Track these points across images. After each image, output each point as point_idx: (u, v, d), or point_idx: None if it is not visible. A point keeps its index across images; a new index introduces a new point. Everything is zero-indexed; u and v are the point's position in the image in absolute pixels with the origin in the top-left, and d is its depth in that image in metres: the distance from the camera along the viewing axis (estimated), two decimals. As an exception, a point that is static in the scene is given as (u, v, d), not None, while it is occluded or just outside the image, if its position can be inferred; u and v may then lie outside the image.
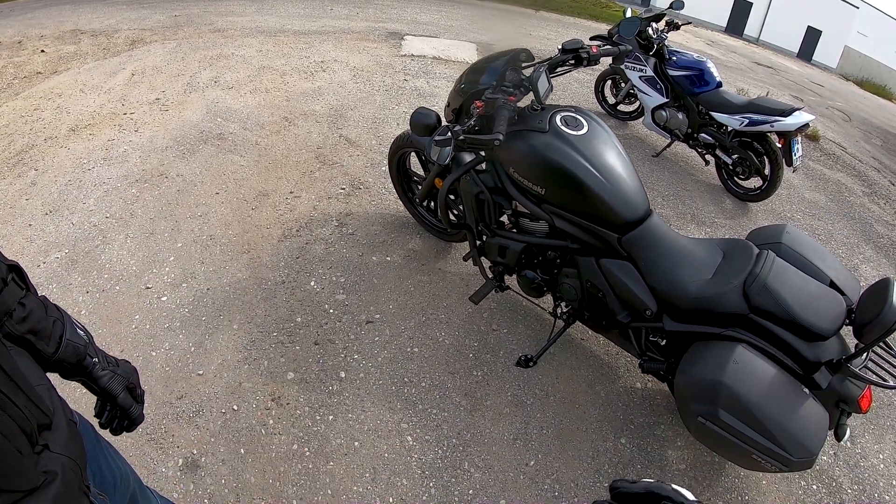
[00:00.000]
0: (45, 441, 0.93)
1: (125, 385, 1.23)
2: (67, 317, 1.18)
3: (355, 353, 2.79)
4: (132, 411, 1.24)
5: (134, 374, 1.28)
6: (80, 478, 0.96)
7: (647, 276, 2.36)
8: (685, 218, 4.40)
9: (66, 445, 0.96)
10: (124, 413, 1.23)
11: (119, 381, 1.22)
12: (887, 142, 8.18)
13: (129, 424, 1.26)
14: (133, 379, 1.27)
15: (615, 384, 2.87)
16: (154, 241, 3.26)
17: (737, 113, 4.44)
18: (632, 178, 2.44)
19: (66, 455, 0.94)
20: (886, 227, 5.17)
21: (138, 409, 1.26)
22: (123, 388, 1.22)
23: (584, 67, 2.75)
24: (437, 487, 2.32)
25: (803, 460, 1.96)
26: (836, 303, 2.18)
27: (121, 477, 1.24)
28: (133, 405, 1.24)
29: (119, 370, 1.24)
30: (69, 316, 1.19)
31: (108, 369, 1.21)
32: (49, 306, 1.14)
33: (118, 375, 1.22)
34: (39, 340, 1.08)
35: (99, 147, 4.10)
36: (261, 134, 4.44)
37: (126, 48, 6.13)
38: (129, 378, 1.25)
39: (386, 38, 7.01)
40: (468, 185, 2.68)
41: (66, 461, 0.93)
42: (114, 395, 1.20)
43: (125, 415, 1.24)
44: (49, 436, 0.94)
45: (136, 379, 1.28)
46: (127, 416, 1.24)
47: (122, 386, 1.22)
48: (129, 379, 1.25)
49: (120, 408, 1.22)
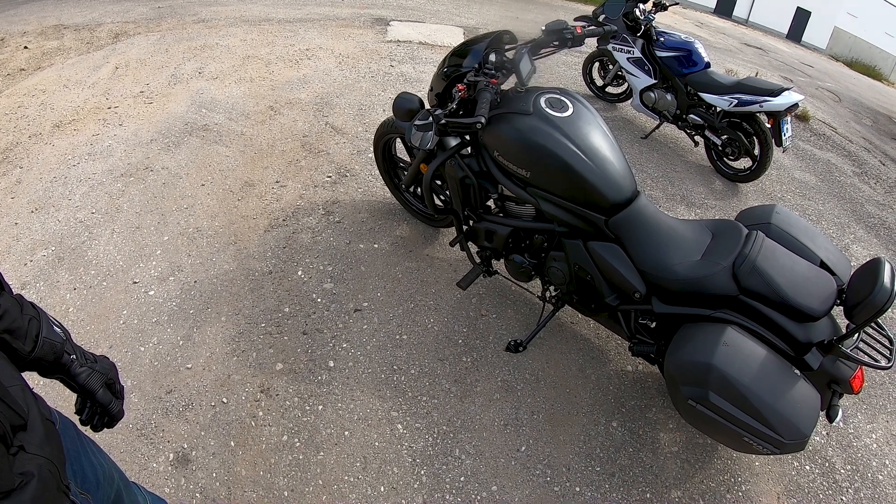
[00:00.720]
0: (21, 442, 0.92)
1: (104, 381, 1.23)
2: (44, 314, 1.17)
3: (344, 341, 2.78)
4: (111, 407, 1.23)
5: (113, 369, 1.28)
6: (57, 478, 0.95)
7: (636, 258, 2.35)
8: (675, 199, 4.39)
9: (42, 446, 0.95)
10: (104, 410, 1.23)
11: (97, 377, 1.21)
12: (877, 122, 8.18)
13: (109, 421, 1.26)
14: (112, 375, 1.26)
15: (606, 368, 2.87)
16: (140, 236, 3.23)
17: (725, 93, 4.41)
18: (618, 160, 2.42)
19: (43, 455, 0.93)
20: (877, 206, 5.17)
21: (118, 404, 1.26)
22: (102, 385, 1.22)
23: (569, 49, 2.73)
24: (429, 475, 2.31)
25: (795, 442, 1.96)
26: (826, 283, 2.18)
27: (104, 475, 1.23)
28: (112, 401, 1.24)
29: (97, 366, 1.23)
30: (45, 313, 1.18)
31: (86, 366, 1.20)
32: (25, 304, 1.13)
33: (96, 372, 1.22)
34: (16, 339, 1.07)
35: (83, 142, 4.05)
36: (246, 124, 4.40)
37: (109, 42, 6.05)
38: (107, 374, 1.25)
39: (371, 24, 6.95)
40: (453, 170, 2.66)
41: (42, 462, 0.92)
42: (92, 392, 1.20)
43: (105, 411, 1.23)
44: (24, 436, 0.93)
45: (114, 374, 1.28)
46: (107, 413, 1.24)
47: (101, 382, 1.22)
48: (108, 375, 1.25)
49: (99, 404, 1.22)
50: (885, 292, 1.87)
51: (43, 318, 1.15)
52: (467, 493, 2.28)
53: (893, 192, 5.64)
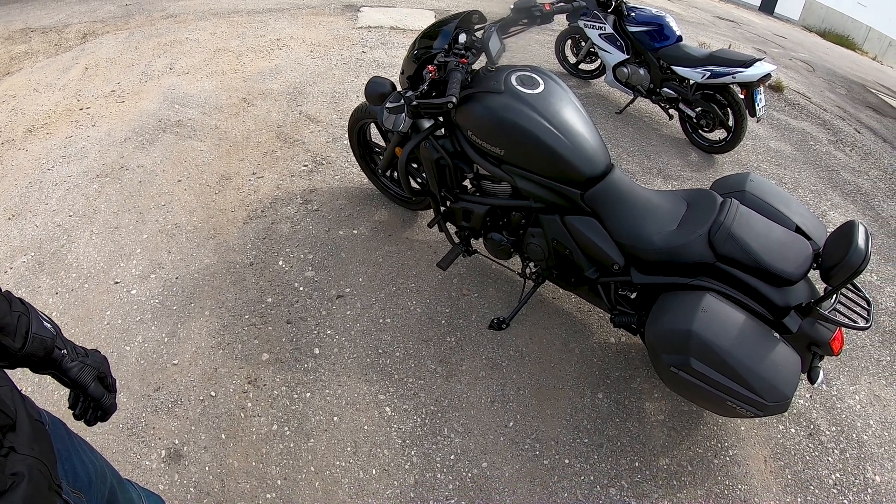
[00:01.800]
0: (11, 443, 0.92)
1: (95, 375, 1.22)
2: (33, 310, 1.16)
3: (328, 328, 2.78)
4: (104, 401, 1.23)
5: (104, 363, 1.28)
6: (48, 477, 0.95)
7: (612, 230, 2.37)
8: (651, 173, 4.42)
9: (31, 445, 0.95)
10: (97, 403, 1.23)
11: (89, 371, 1.21)
12: (851, 90, 8.24)
13: (102, 415, 1.26)
14: (103, 368, 1.26)
15: (589, 340, 2.90)
16: (119, 235, 3.21)
17: (698, 66, 4.43)
18: (591, 134, 2.43)
19: (32, 455, 0.94)
20: (852, 173, 5.23)
21: (110, 398, 1.26)
22: (94, 379, 1.21)
23: (539, 26, 2.73)
24: (419, 455, 2.33)
25: (778, 404, 1.99)
26: (802, 247, 2.20)
27: (96, 473, 1.23)
28: (104, 395, 1.24)
29: (88, 360, 1.23)
30: (35, 309, 1.18)
31: (77, 360, 1.20)
32: (13, 301, 1.13)
33: (88, 366, 1.21)
34: (5, 336, 1.07)
35: (57, 145, 4.00)
36: (220, 117, 4.36)
37: (78, 42, 5.96)
38: (99, 367, 1.24)
39: (342, 11, 6.89)
40: (428, 152, 2.66)
41: (32, 462, 0.92)
42: (84, 386, 1.20)
43: (97, 405, 1.23)
44: (13, 437, 0.94)
45: (106, 368, 1.28)
46: (100, 407, 1.24)
47: (93, 376, 1.21)
48: (100, 368, 1.25)
49: (92, 398, 1.21)
50: (860, 254, 1.90)
51: (32, 314, 1.15)
52: (458, 470, 2.31)
53: (868, 158, 5.70)
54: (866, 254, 1.91)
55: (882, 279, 3.78)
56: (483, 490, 2.26)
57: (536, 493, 2.28)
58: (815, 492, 2.44)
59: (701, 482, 2.40)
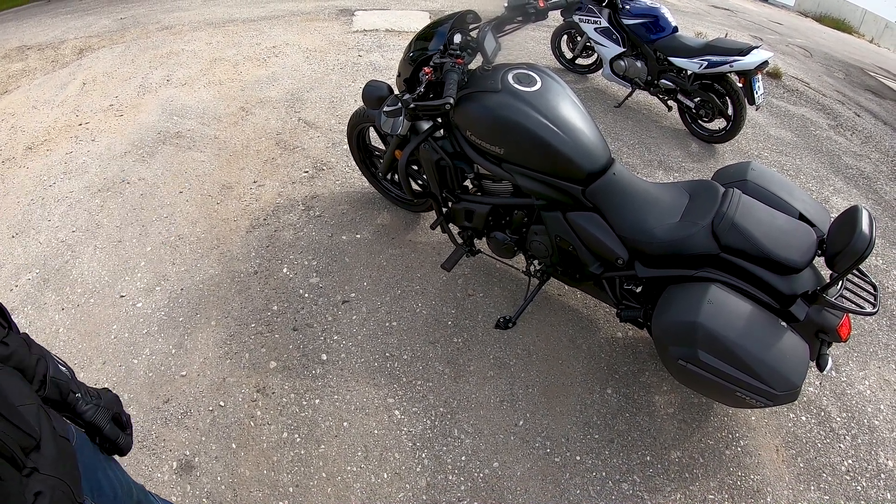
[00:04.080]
0: (34, 463, 0.93)
1: (110, 416, 1.25)
2: (49, 354, 1.18)
3: (335, 333, 2.78)
4: (119, 442, 1.25)
5: (117, 403, 1.30)
6: (71, 496, 0.96)
7: (615, 225, 2.36)
8: (652, 165, 4.41)
9: (55, 465, 0.96)
10: (113, 446, 1.25)
11: (103, 413, 1.23)
12: (850, 74, 8.21)
13: (119, 452, 1.28)
14: (116, 408, 1.28)
15: (596, 336, 2.89)
16: (123, 249, 3.21)
17: (695, 56, 4.43)
18: (590, 129, 2.43)
19: (56, 476, 0.95)
20: (854, 157, 5.21)
21: (125, 438, 1.28)
22: (109, 420, 1.24)
23: (534, 23, 2.72)
24: (430, 458, 2.33)
25: (787, 393, 1.98)
26: (806, 235, 2.20)
27: (122, 488, 1.25)
28: (119, 435, 1.26)
29: (102, 402, 1.25)
30: (50, 353, 1.20)
31: (91, 403, 1.22)
32: (33, 345, 1.14)
33: (102, 408, 1.23)
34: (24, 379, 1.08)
35: (57, 162, 4.01)
36: (218, 127, 4.37)
37: (75, 58, 5.97)
38: (112, 409, 1.27)
39: (336, 15, 6.89)
40: (427, 153, 2.66)
41: (55, 482, 0.93)
42: (100, 428, 1.22)
43: (114, 445, 1.25)
44: (37, 457, 0.95)
45: (119, 407, 1.30)
46: (115, 446, 1.26)
47: (108, 418, 1.24)
48: (113, 409, 1.27)
49: (107, 440, 1.23)
50: (865, 239, 1.89)
51: (49, 358, 1.17)
52: (469, 471, 2.30)
53: (869, 142, 5.68)
54: (871, 239, 1.90)
55: (888, 263, 3.77)
56: (495, 490, 2.26)
57: (549, 490, 2.27)
58: (828, 479, 2.43)
59: (713, 474, 2.39)
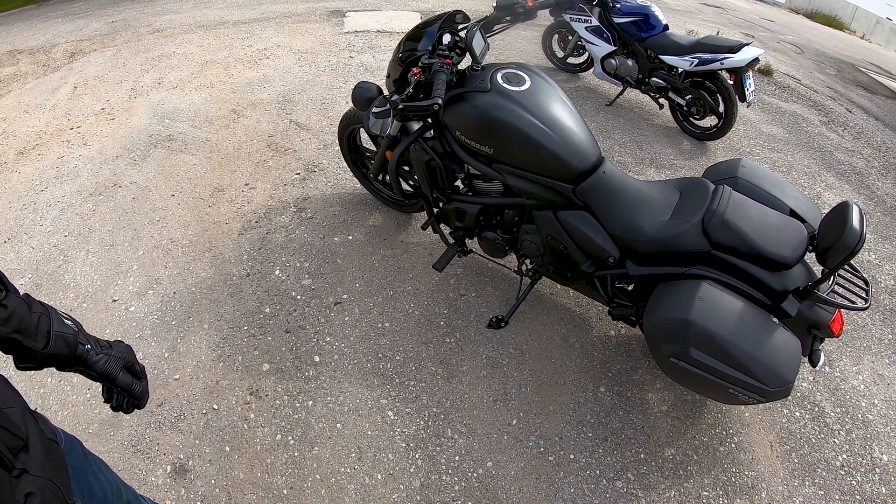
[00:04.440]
0: (23, 464, 0.93)
1: (122, 365, 1.24)
2: (53, 310, 1.18)
3: (327, 335, 2.78)
4: (133, 388, 1.25)
5: (129, 352, 1.29)
6: (61, 497, 0.96)
7: (606, 223, 2.36)
8: (644, 163, 4.42)
9: (44, 466, 0.96)
10: (128, 392, 1.24)
11: (115, 362, 1.22)
12: (841, 70, 8.24)
13: (137, 402, 1.28)
14: (129, 357, 1.28)
15: (589, 334, 2.90)
16: (115, 253, 3.21)
17: (686, 54, 4.44)
18: (580, 128, 2.43)
19: (44, 476, 0.95)
20: (846, 153, 5.23)
21: (140, 385, 1.27)
22: (121, 368, 1.23)
23: (523, 22, 2.73)
24: (423, 458, 2.34)
25: (780, 389, 1.99)
26: (796, 231, 2.20)
27: (112, 490, 1.25)
28: (133, 382, 1.25)
29: (114, 352, 1.24)
30: (55, 309, 1.19)
31: (102, 353, 1.22)
32: (33, 303, 1.14)
33: (113, 357, 1.23)
34: (27, 338, 1.08)
35: (49, 166, 4.00)
36: (210, 130, 4.36)
37: (66, 61, 5.96)
38: (124, 357, 1.26)
39: (327, 17, 6.89)
40: (418, 154, 2.66)
41: (44, 483, 0.93)
42: (112, 377, 1.21)
43: (129, 393, 1.25)
44: (26, 458, 0.95)
45: (132, 357, 1.29)
46: (131, 395, 1.25)
47: (120, 366, 1.23)
48: (126, 358, 1.26)
49: (121, 388, 1.23)
50: (855, 234, 1.90)
51: (52, 314, 1.16)
52: (463, 471, 2.31)
53: (861, 137, 5.71)
54: (861, 234, 1.90)
55: (880, 258, 3.78)
56: (489, 490, 2.26)
57: (543, 489, 2.28)
58: (823, 474, 2.44)
59: (707, 470, 2.40)
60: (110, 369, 1.20)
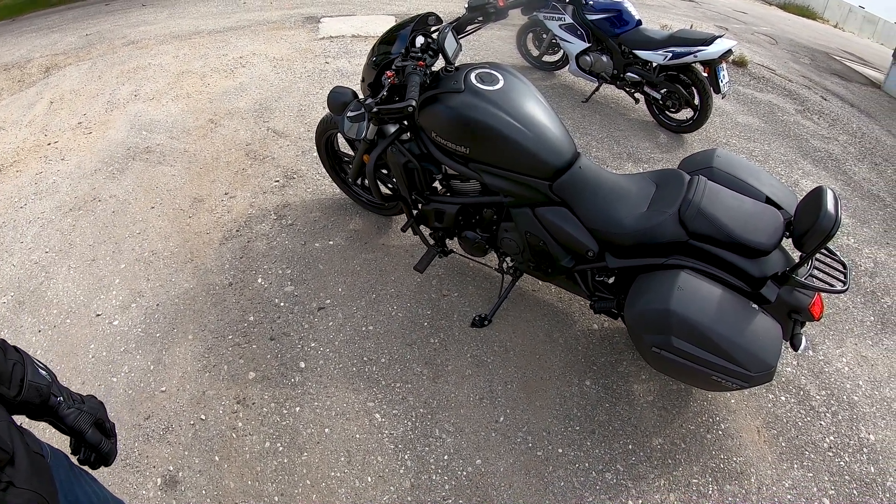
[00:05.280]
0: (10, 477, 0.94)
1: (92, 421, 1.23)
2: (28, 358, 1.18)
3: (312, 341, 2.78)
4: (102, 446, 1.24)
5: (101, 408, 1.28)
6: None
7: (584, 217, 2.38)
8: (621, 157, 4.45)
9: (30, 479, 0.97)
10: (95, 449, 1.23)
11: (86, 417, 1.22)
12: (815, 59, 8.34)
13: (104, 459, 1.26)
14: (100, 414, 1.27)
15: (572, 329, 2.92)
16: (97, 267, 3.18)
17: (659, 48, 4.48)
18: (554, 125, 2.45)
19: (31, 489, 0.95)
20: (822, 140, 5.30)
21: (108, 443, 1.26)
22: (91, 425, 1.22)
23: (495, 22, 2.75)
24: (413, 458, 2.34)
25: (762, 374, 2.02)
26: (772, 217, 2.23)
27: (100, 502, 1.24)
28: (102, 440, 1.24)
29: (85, 406, 1.23)
30: (30, 357, 1.19)
31: (73, 407, 1.21)
32: (8, 349, 1.14)
33: (84, 412, 1.22)
34: (1, 385, 1.08)
35: (28, 182, 3.96)
36: (188, 140, 4.34)
37: (41, 76, 5.90)
38: (96, 414, 1.25)
39: (302, 23, 6.87)
40: (395, 157, 2.67)
41: (31, 495, 0.95)
42: (82, 432, 1.20)
43: (96, 451, 1.24)
44: (12, 472, 0.95)
45: (103, 413, 1.28)
46: (98, 452, 1.24)
47: (90, 423, 1.22)
48: (97, 415, 1.25)
49: (89, 444, 1.22)
50: (830, 218, 1.92)
51: (27, 362, 1.16)
52: (453, 470, 2.31)
53: (836, 124, 5.78)
54: (836, 217, 1.93)
55: (859, 241, 3.84)
56: (479, 487, 2.27)
57: (533, 484, 2.29)
58: (811, 457, 2.48)
59: (696, 458, 2.42)
60: (80, 424, 1.20)
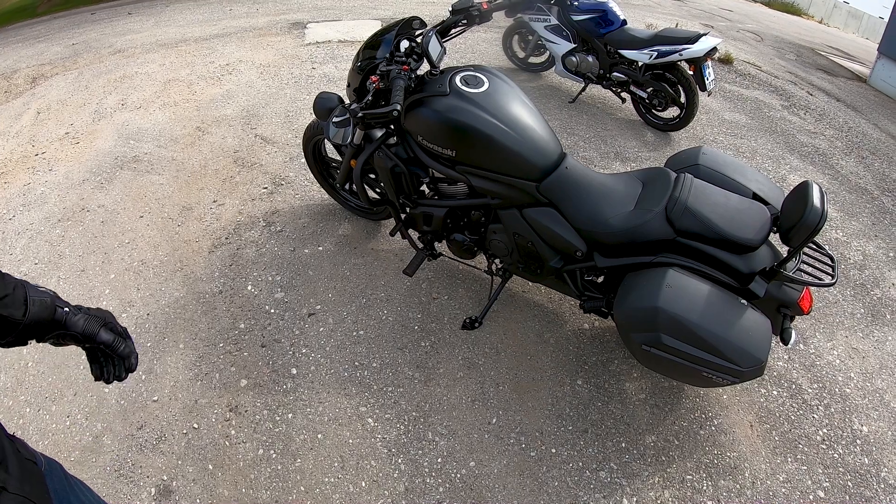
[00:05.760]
0: (3, 482, 0.93)
1: (102, 324, 1.21)
2: (26, 281, 1.16)
3: (303, 347, 2.78)
4: (116, 344, 1.21)
5: (109, 314, 1.26)
6: None
7: (571, 217, 2.39)
8: (609, 157, 4.47)
9: (22, 485, 0.97)
10: (111, 350, 1.21)
11: (95, 321, 1.19)
12: (801, 55, 8.39)
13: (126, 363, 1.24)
14: (109, 318, 1.24)
15: (563, 329, 2.93)
16: (87, 278, 3.17)
17: (645, 47, 4.50)
18: (540, 126, 2.46)
19: (23, 495, 0.95)
20: (809, 135, 5.33)
21: (121, 342, 1.23)
22: (101, 326, 1.20)
23: (479, 25, 2.76)
24: (406, 462, 2.34)
25: (753, 368, 2.03)
26: (759, 213, 2.25)
27: None
28: (115, 338, 1.21)
29: (92, 311, 1.22)
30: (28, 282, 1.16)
31: (80, 313, 1.19)
32: (6, 276, 1.12)
33: (93, 316, 1.20)
34: (6, 307, 1.06)
35: (15, 194, 3.94)
36: (175, 149, 4.32)
37: (28, 87, 5.87)
38: (104, 318, 1.23)
39: (289, 29, 6.87)
40: (382, 161, 2.67)
41: (23, 501, 0.94)
42: (92, 335, 1.18)
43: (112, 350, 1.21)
44: (4, 476, 0.95)
45: (112, 318, 1.25)
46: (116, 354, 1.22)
47: (100, 325, 1.20)
48: (105, 318, 1.23)
49: (104, 344, 1.19)
50: (816, 212, 1.94)
51: (28, 286, 1.14)
52: (446, 472, 2.32)
53: (823, 119, 5.82)
54: (822, 211, 1.95)
55: (848, 235, 3.87)
56: (473, 489, 2.27)
57: (527, 485, 2.29)
58: (805, 450, 2.49)
59: (689, 455, 2.44)
60: (90, 327, 1.17)
